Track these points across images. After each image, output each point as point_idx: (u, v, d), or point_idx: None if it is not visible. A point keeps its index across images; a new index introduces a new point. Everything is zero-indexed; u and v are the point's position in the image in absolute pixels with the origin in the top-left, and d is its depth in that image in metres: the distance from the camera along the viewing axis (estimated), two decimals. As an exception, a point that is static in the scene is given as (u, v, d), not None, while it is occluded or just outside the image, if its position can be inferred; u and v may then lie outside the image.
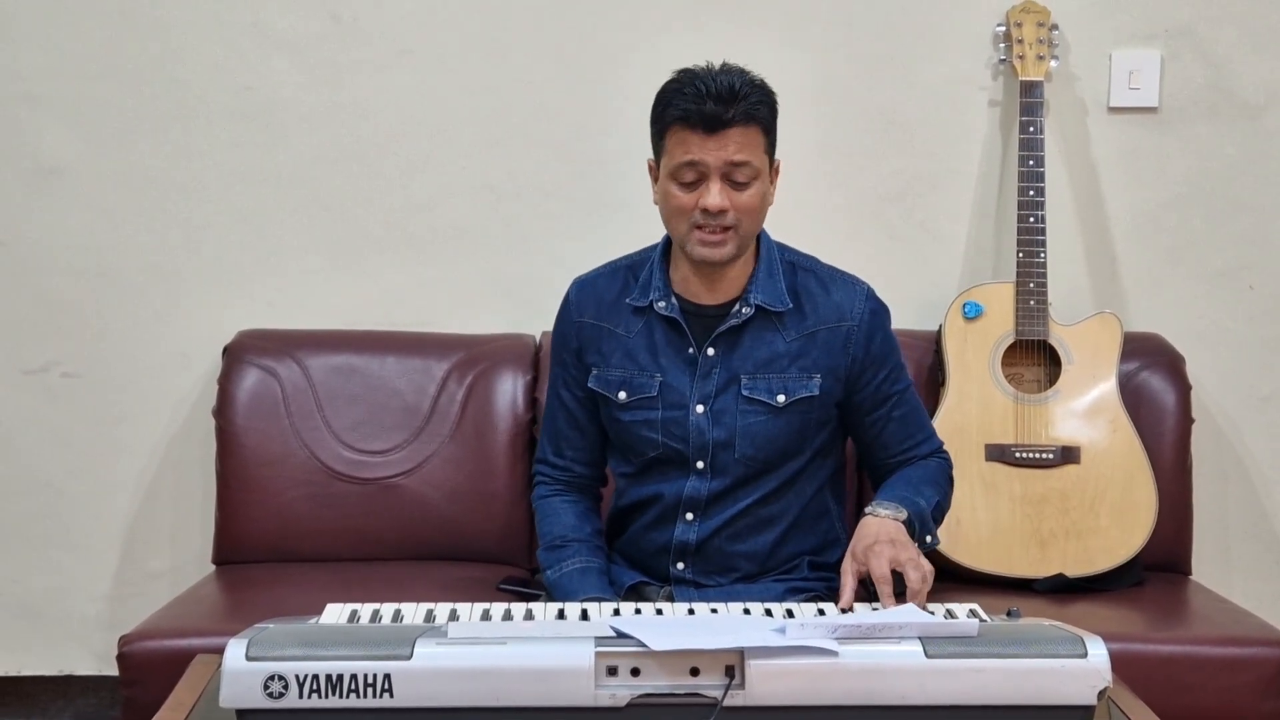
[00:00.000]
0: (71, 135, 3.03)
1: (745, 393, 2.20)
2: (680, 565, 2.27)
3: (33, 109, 3.02)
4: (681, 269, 2.22)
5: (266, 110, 3.04)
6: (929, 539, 2.15)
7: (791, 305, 2.21)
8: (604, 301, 2.29)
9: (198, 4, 3.01)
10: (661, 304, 2.22)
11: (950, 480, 2.31)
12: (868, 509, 2.13)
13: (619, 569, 2.31)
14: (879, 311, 2.26)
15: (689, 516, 2.25)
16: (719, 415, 2.21)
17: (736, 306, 2.20)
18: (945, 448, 2.34)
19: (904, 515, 2.10)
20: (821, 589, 2.26)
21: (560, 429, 2.35)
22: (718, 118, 2.06)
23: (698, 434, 2.22)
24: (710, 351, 2.21)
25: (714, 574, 2.27)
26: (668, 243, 2.26)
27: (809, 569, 2.29)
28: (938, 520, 2.22)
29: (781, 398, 2.21)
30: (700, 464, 2.23)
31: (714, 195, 2.08)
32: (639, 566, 2.32)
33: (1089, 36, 3.04)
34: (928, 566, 1.98)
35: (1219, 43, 3.03)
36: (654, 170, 2.18)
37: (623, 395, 2.25)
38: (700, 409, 2.22)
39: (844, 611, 1.90)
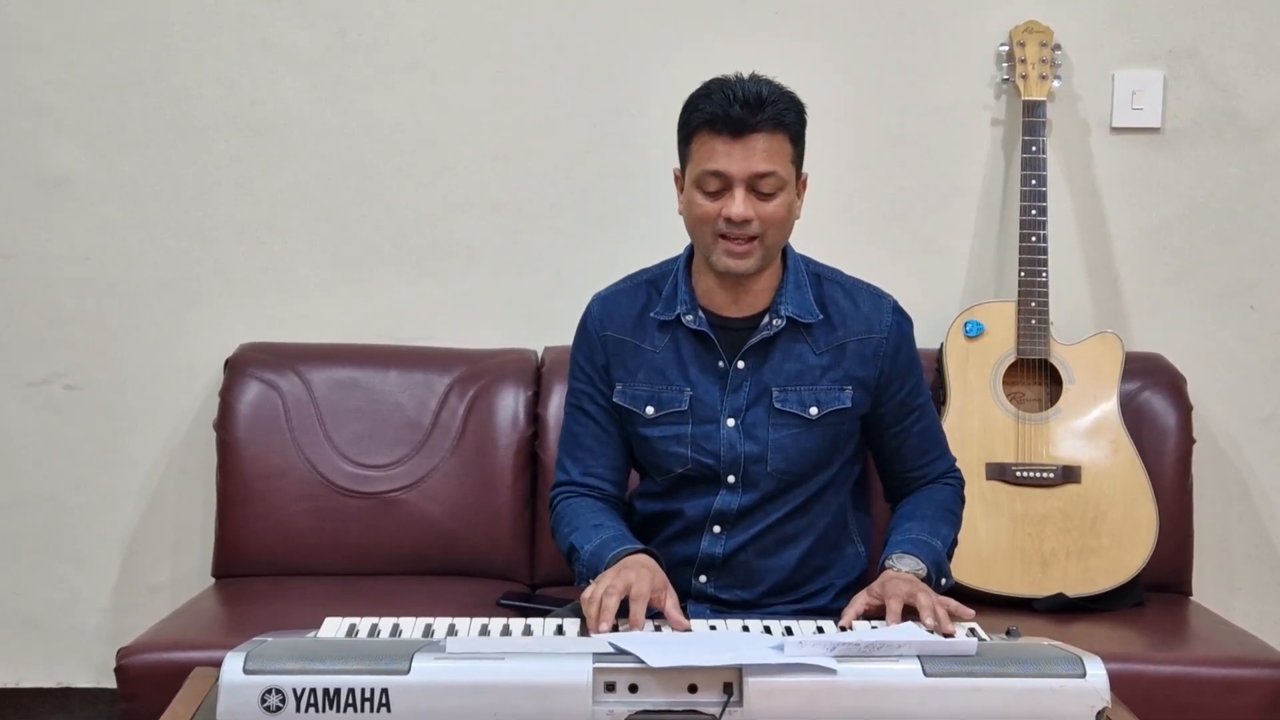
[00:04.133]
0: (78, 148, 3.04)
1: (777, 405, 2.18)
2: (703, 579, 2.24)
3: (40, 121, 3.03)
4: (705, 281, 2.19)
5: (273, 124, 3.05)
6: (944, 581, 2.13)
7: (821, 317, 2.19)
8: (628, 317, 2.25)
9: (206, 18, 3.02)
10: (689, 317, 2.19)
11: (962, 504, 2.30)
12: (888, 561, 2.09)
13: None
14: (905, 324, 2.25)
15: (716, 530, 2.22)
16: (751, 429, 2.18)
17: (766, 319, 2.18)
18: (958, 463, 2.33)
19: (923, 571, 2.07)
20: None
21: (588, 445, 2.26)
22: (743, 122, 2.04)
23: (729, 448, 2.19)
24: (740, 365, 2.18)
25: (735, 588, 2.23)
26: (690, 255, 2.23)
27: (835, 596, 2.25)
28: (950, 556, 2.20)
29: (814, 410, 2.18)
30: (731, 478, 2.20)
31: (738, 204, 2.05)
32: None
33: (1092, 57, 3.04)
34: (942, 615, 1.92)
35: (1222, 64, 3.04)
36: (679, 179, 2.16)
37: (650, 410, 2.21)
38: (731, 423, 2.19)
39: (843, 629, 1.90)
